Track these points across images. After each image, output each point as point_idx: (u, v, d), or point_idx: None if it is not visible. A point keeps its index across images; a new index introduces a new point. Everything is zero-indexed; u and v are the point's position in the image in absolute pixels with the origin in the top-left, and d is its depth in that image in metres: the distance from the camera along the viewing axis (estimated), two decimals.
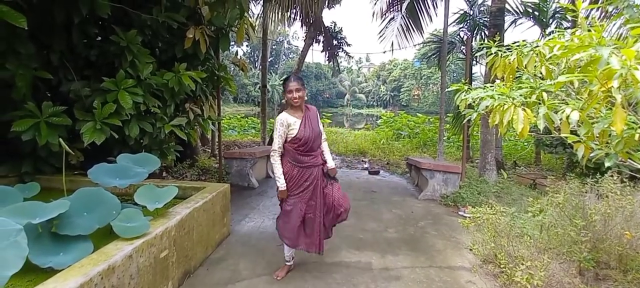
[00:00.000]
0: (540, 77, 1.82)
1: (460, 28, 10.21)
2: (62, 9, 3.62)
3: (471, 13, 9.79)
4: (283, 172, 2.81)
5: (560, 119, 1.43)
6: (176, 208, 2.89)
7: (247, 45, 43.26)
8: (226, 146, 9.26)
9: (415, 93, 54.52)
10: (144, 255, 2.23)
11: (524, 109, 1.52)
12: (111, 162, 2.99)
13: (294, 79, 2.80)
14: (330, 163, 2.98)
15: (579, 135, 1.45)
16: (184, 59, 4.57)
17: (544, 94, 1.58)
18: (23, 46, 3.38)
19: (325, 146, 3.04)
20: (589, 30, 1.31)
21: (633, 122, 1.35)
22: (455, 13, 10.36)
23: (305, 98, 2.88)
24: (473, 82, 9.64)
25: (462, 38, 10.07)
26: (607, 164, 1.33)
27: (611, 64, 1.04)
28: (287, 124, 2.77)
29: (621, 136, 1.29)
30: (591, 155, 1.41)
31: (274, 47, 50.32)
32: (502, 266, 2.91)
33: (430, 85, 51.58)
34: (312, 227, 2.85)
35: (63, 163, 2.67)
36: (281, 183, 2.79)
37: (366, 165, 8.87)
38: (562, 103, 1.57)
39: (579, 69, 1.41)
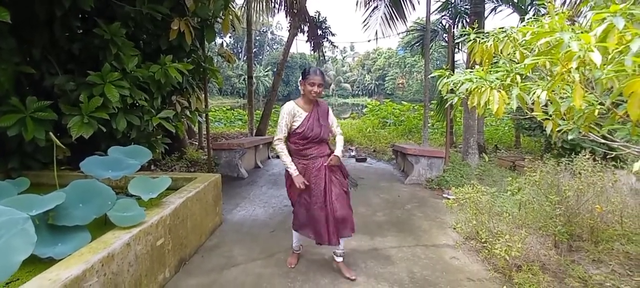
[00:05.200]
0: (515, 62, 1.95)
1: (442, 16, 10.35)
2: (43, 3, 3.56)
3: (453, 1, 9.94)
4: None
5: (532, 100, 1.56)
6: (170, 199, 2.94)
7: (230, 37, 42.68)
8: (213, 138, 9.24)
9: (400, 81, 54.93)
10: (141, 243, 2.30)
11: (499, 91, 1.64)
12: (100, 155, 3.01)
13: (319, 72, 2.66)
14: (336, 151, 2.75)
15: (548, 114, 1.59)
16: (169, 51, 4.53)
17: (518, 77, 1.71)
18: (4, 41, 3.33)
19: (339, 140, 2.86)
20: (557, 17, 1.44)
21: (595, 100, 1.49)
22: (437, 1, 10.50)
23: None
24: (455, 69, 9.85)
25: (445, 26, 10.24)
26: (570, 137, 1.48)
27: (571, 47, 1.17)
28: (292, 114, 2.69)
29: (582, 111, 1.43)
30: (557, 129, 1.56)
31: (257, 38, 49.78)
32: (483, 242, 3.09)
33: (414, 73, 52.06)
34: (319, 218, 2.70)
35: (54, 157, 2.68)
36: (292, 169, 2.66)
37: (353, 153, 9.03)
38: (535, 85, 1.70)
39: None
